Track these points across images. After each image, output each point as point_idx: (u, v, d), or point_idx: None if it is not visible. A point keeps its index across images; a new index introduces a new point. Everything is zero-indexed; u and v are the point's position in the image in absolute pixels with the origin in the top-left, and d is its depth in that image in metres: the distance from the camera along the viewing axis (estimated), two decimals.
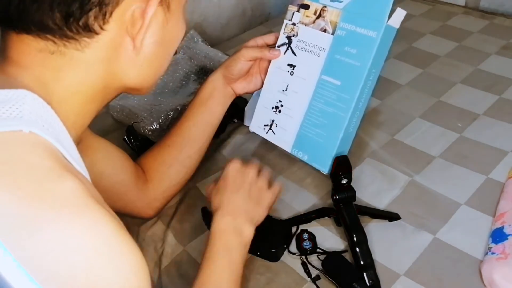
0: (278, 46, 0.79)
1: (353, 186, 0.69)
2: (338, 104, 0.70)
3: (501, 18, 1.30)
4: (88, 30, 0.43)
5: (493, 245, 0.67)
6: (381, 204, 0.78)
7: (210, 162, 0.88)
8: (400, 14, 0.69)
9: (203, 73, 1.04)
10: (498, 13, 1.33)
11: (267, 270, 0.69)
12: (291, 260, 0.70)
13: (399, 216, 0.74)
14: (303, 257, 0.70)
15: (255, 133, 0.86)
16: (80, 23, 0.42)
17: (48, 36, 0.42)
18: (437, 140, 0.90)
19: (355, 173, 0.76)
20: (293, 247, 0.72)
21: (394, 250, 0.70)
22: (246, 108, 0.96)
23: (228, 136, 0.94)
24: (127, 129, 0.90)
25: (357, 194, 0.71)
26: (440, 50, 1.18)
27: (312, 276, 0.67)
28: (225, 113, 0.96)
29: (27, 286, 0.32)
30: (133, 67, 0.48)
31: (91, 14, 0.42)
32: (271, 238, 0.71)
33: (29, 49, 0.43)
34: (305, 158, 0.73)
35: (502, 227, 0.68)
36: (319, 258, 0.70)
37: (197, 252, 0.72)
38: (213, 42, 1.32)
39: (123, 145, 0.91)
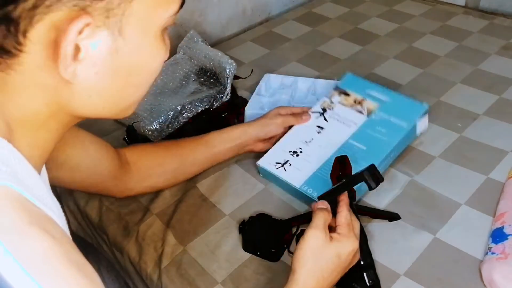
0: (312, 112, 0.88)
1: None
2: (360, 162, 0.76)
3: (501, 18, 1.30)
4: (3, 50, 0.38)
5: (493, 245, 0.67)
6: (381, 204, 0.78)
7: None
8: (425, 123, 0.85)
9: (203, 73, 1.05)
10: (498, 13, 1.33)
11: (267, 270, 0.69)
12: (291, 260, 0.70)
13: (399, 216, 0.74)
14: None
15: None
16: None
17: None
18: (437, 140, 0.90)
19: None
20: (293, 247, 0.71)
21: (394, 250, 0.70)
22: (246, 108, 0.96)
23: None
24: (127, 129, 0.90)
25: (357, 194, 0.71)
26: (440, 50, 1.18)
27: None
28: (225, 113, 0.96)
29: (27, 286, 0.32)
30: (77, 98, 0.42)
31: None
32: (271, 238, 0.71)
33: None
34: (314, 194, 0.74)
35: (502, 227, 0.68)
36: None
37: (197, 252, 0.72)
38: (213, 42, 1.32)
39: (124, 145, 0.91)
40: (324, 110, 0.87)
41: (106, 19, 0.38)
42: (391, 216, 0.74)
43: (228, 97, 0.97)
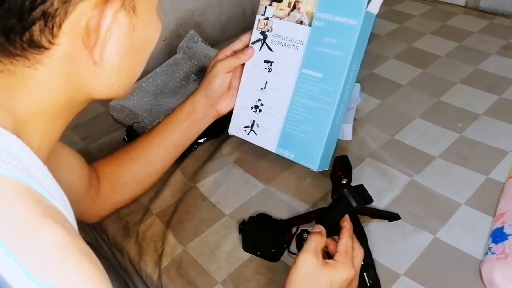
0: (252, 43, 0.77)
1: (352, 185, 0.69)
2: (322, 98, 0.68)
3: (501, 18, 1.30)
4: (36, 46, 0.38)
5: (493, 245, 0.67)
6: (381, 204, 0.78)
7: (210, 162, 0.88)
8: (378, 3, 0.67)
9: (203, 73, 1.04)
10: (498, 13, 1.33)
11: (267, 270, 0.69)
12: (291, 260, 0.70)
13: (399, 216, 0.74)
14: None
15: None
16: (24, 39, 0.37)
17: None
18: (437, 140, 0.90)
19: (355, 173, 0.76)
20: (293, 247, 0.72)
21: (394, 250, 0.70)
22: None
23: (228, 136, 0.94)
24: (127, 129, 0.90)
25: None
26: (440, 50, 1.18)
27: None
28: (225, 113, 0.96)
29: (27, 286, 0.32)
30: (97, 80, 0.43)
31: (35, 28, 0.37)
32: (271, 238, 0.71)
33: None
34: (291, 156, 0.71)
35: (502, 227, 0.68)
36: None
37: (197, 252, 0.72)
38: (213, 42, 1.32)
39: (123, 145, 0.91)
40: (264, 35, 0.75)
41: (123, 0, 0.40)
42: (391, 216, 0.74)
43: None
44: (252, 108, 0.76)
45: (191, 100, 0.76)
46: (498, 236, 0.68)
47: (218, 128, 0.95)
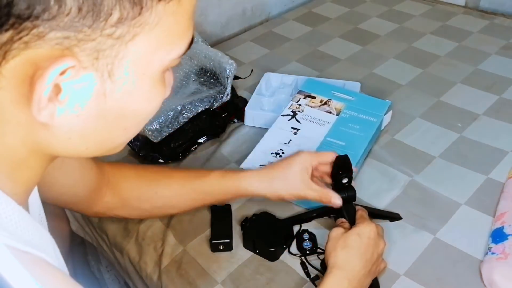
0: (282, 115, 0.89)
1: (353, 186, 0.69)
2: None
3: (501, 18, 1.30)
4: None
5: (493, 245, 0.67)
6: (381, 204, 0.78)
7: (210, 162, 0.88)
8: (388, 117, 0.93)
9: (203, 73, 1.04)
10: (498, 13, 1.33)
11: (267, 270, 0.69)
12: (291, 260, 0.70)
13: (400, 216, 0.74)
14: (303, 257, 0.70)
15: (256, 133, 0.86)
16: None
17: None
18: (437, 140, 0.90)
19: (355, 172, 0.76)
20: (293, 247, 0.72)
21: (394, 250, 0.70)
22: (246, 108, 0.96)
23: (228, 136, 0.94)
24: None
25: (357, 194, 0.70)
26: (440, 50, 1.18)
27: (311, 276, 0.67)
28: (225, 113, 0.97)
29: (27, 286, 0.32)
30: (56, 139, 0.37)
31: None
32: (271, 237, 0.71)
33: None
34: None
35: (502, 227, 0.68)
36: (319, 258, 0.70)
37: (197, 252, 0.72)
38: (213, 42, 1.32)
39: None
40: (295, 113, 0.90)
41: (95, 60, 0.34)
42: (392, 216, 0.74)
43: (228, 97, 0.97)
44: (272, 153, 0.83)
45: (248, 183, 0.69)
46: (498, 236, 0.68)
47: (218, 128, 0.95)
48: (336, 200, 0.67)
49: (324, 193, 0.67)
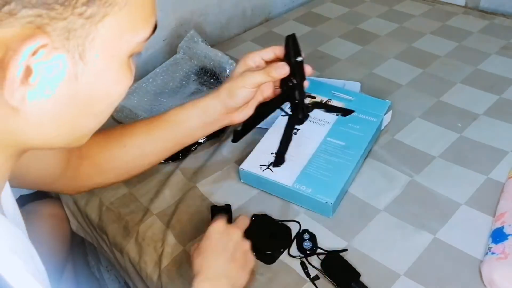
0: (282, 116, 0.83)
1: (353, 186, 0.69)
2: (343, 156, 0.80)
3: (501, 18, 1.30)
4: None
5: (493, 245, 0.67)
6: (381, 204, 0.78)
7: (210, 162, 0.88)
8: (388, 117, 0.93)
9: (203, 73, 1.05)
10: (498, 13, 1.33)
11: (267, 270, 0.69)
12: (291, 260, 0.70)
13: (353, 110, 0.80)
14: (303, 257, 0.70)
15: (256, 133, 0.86)
16: None
17: None
18: (437, 140, 0.90)
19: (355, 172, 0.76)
20: (293, 247, 0.72)
21: (394, 250, 0.70)
22: None
23: (228, 136, 0.94)
24: None
25: (357, 194, 0.70)
26: (440, 50, 1.18)
27: (311, 276, 0.67)
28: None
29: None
30: (27, 125, 0.37)
31: None
32: (269, 240, 0.71)
33: None
34: (308, 191, 0.76)
35: (502, 227, 0.68)
36: (319, 258, 0.70)
37: None
38: (213, 42, 1.32)
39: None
40: None
41: (66, 40, 0.34)
42: (345, 111, 0.75)
43: None
44: (272, 154, 0.81)
45: (205, 102, 0.69)
46: (498, 236, 0.68)
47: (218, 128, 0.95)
48: (280, 68, 0.65)
49: (268, 67, 0.66)
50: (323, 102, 0.91)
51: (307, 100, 0.76)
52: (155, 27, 0.41)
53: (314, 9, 1.44)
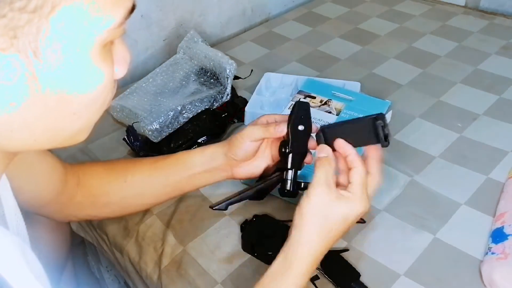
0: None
1: None
2: None
3: (501, 18, 1.30)
4: None
5: (493, 245, 0.67)
6: (381, 204, 0.78)
7: None
8: (388, 117, 0.92)
9: (203, 73, 1.04)
10: (498, 13, 1.33)
11: None
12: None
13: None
14: None
15: None
16: None
17: None
18: (437, 140, 0.90)
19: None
20: None
21: (394, 250, 0.70)
22: (246, 108, 0.96)
23: (228, 136, 0.94)
24: (127, 129, 0.90)
25: None
26: (440, 50, 1.18)
27: (311, 276, 0.67)
28: (225, 113, 0.96)
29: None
30: (1, 136, 0.35)
31: None
32: (270, 240, 0.71)
33: None
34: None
35: (502, 227, 0.68)
36: None
37: (197, 252, 0.72)
38: (213, 42, 1.32)
39: (123, 144, 0.91)
40: None
41: (14, 39, 0.30)
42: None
43: (228, 97, 0.97)
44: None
45: (211, 150, 0.68)
46: (498, 236, 0.68)
47: (218, 128, 0.95)
48: (277, 128, 0.62)
49: (267, 125, 0.64)
50: (324, 101, 0.91)
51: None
52: (133, 7, 0.36)
53: (314, 9, 1.44)
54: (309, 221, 0.52)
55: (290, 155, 0.63)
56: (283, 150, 0.64)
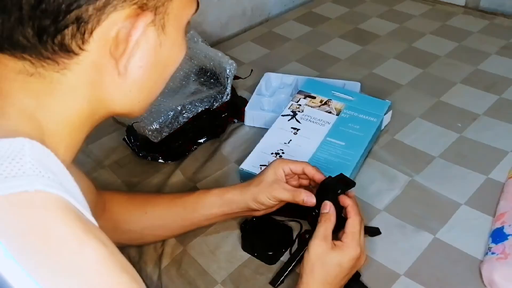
0: (282, 116, 0.89)
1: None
2: (343, 156, 0.81)
3: (501, 18, 1.30)
4: (66, 50, 0.38)
5: (493, 245, 0.67)
6: (381, 204, 0.78)
7: (210, 162, 0.88)
8: (388, 117, 0.92)
9: (203, 73, 1.04)
10: (498, 13, 1.33)
11: (267, 270, 0.69)
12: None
13: (380, 231, 0.71)
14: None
15: (256, 133, 0.86)
16: (56, 41, 0.38)
17: (24, 55, 0.38)
18: (437, 140, 0.90)
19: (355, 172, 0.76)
20: (295, 247, 0.72)
21: (394, 250, 0.70)
22: (246, 108, 0.96)
23: (228, 136, 0.94)
24: (127, 129, 0.90)
25: (357, 194, 0.70)
26: (440, 50, 1.18)
27: None
28: (225, 113, 0.97)
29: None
30: (119, 92, 0.43)
31: (68, 31, 0.37)
32: (270, 240, 0.71)
33: (7, 70, 0.39)
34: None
35: (502, 227, 0.68)
36: None
37: (197, 252, 0.72)
38: (213, 42, 1.32)
39: (123, 145, 0.91)
40: (294, 113, 0.90)
41: (154, 16, 0.41)
42: (372, 231, 0.71)
43: (228, 97, 0.97)
44: (272, 153, 0.83)
45: (230, 195, 0.70)
46: (498, 236, 0.68)
47: (218, 128, 0.95)
48: (308, 197, 0.65)
49: (297, 191, 0.66)
50: (324, 101, 0.91)
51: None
52: (198, 2, 0.47)
53: (314, 9, 1.44)
54: (310, 271, 0.59)
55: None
56: (313, 213, 0.65)
